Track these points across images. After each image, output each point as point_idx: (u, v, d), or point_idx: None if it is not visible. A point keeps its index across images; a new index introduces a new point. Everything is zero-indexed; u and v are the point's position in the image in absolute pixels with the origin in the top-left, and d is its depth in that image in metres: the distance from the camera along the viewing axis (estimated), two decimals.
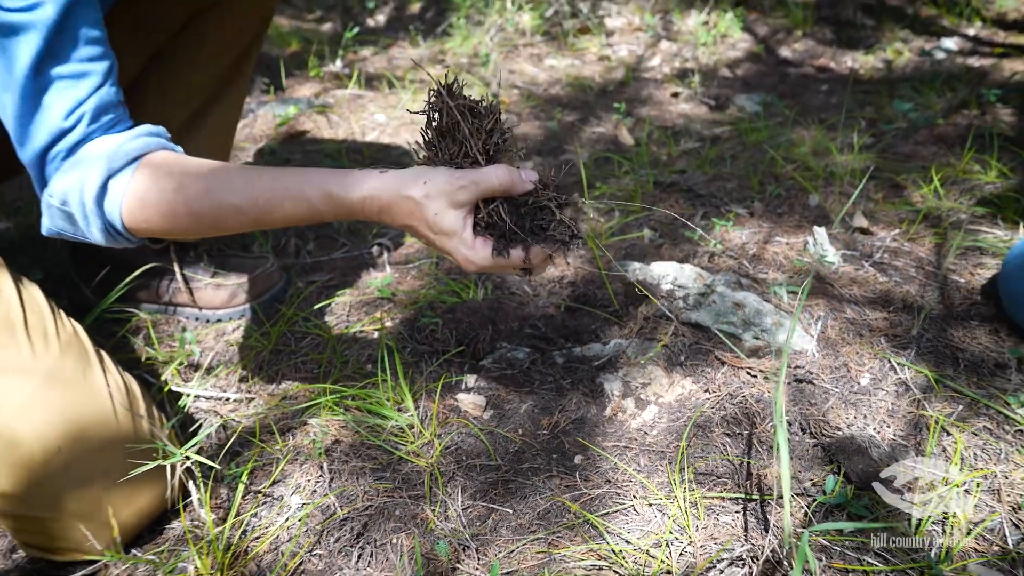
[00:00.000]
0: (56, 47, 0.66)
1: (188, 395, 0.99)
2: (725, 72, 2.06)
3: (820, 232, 1.17)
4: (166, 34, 1.01)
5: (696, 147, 1.59)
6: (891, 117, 1.66)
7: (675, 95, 1.90)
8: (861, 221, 1.24)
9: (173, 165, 0.71)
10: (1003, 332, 0.99)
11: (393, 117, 1.74)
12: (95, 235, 0.74)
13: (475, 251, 0.68)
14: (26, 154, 0.71)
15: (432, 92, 0.69)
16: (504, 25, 2.30)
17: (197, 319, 1.16)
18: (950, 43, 2.08)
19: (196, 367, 1.05)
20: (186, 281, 1.15)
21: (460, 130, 0.69)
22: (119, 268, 1.12)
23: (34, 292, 0.85)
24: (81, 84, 0.68)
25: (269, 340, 1.08)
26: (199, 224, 0.73)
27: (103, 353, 0.85)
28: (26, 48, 0.65)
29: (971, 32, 2.20)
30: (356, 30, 2.25)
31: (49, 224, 0.76)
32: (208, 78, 1.07)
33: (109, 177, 0.71)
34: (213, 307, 1.16)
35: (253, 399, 1.00)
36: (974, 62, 1.96)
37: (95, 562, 0.79)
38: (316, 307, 1.15)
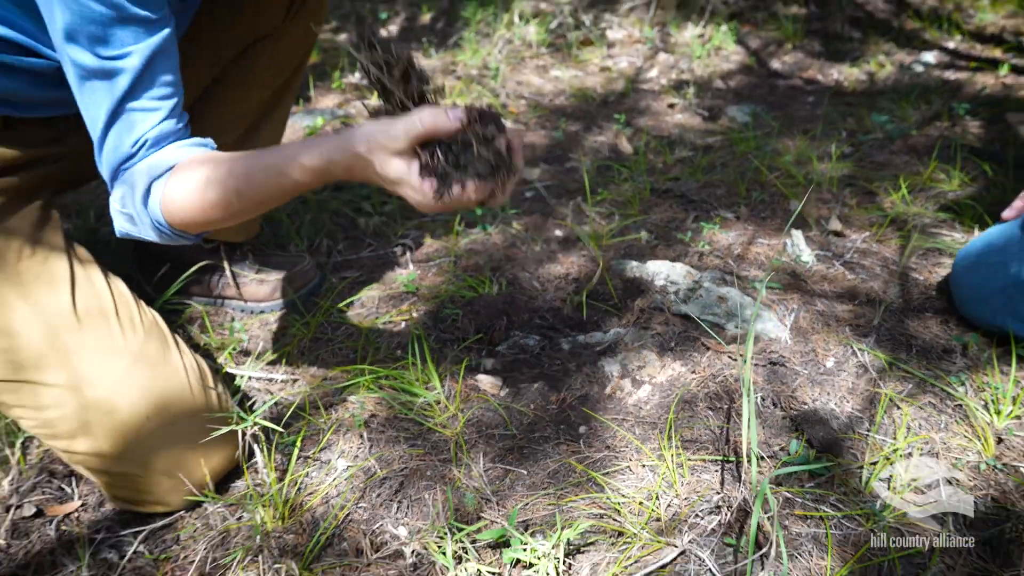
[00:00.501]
0: (136, 88, 0.79)
1: (242, 376, 1.14)
2: (719, 84, 2.20)
3: (797, 235, 1.31)
4: (228, 59, 1.16)
5: (690, 156, 1.73)
6: (869, 128, 1.80)
7: (671, 106, 2.04)
8: (835, 225, 1.39)
9: (195, 164, 0.82)
10: (952, 323, 1.13)
11: None
12: (150, 233, 0.86)
13: (423, 194, 0.73)
14: (103, 171, 0.85)
15: (356, 44, 0.74)
16: (512, 38, 2.44)
17: (243, 310, 1.31)
18: (929, 57, 2.23)
19: (246, 352, 1.20)
20: (234, 277, 1.30)
21: (389, 81, 0.72)
22: (176, 266, 1.27)
23: (120, 284, 0.99)
24: (149, 118, 0.81)
25: (309, 329, 1.23)
26: (218, 211, 0.81)
27: (177, 337, 1.00)
28: (114, 88, 0.78)
29: (951, 45, 2.34)
30: None
31: (118, 227, 0.88)
32: (260, 99, 1.22)
33: (152, 181, 0.82)
34: (257, 300, 1.31)
35: (297, 380, 1.14)
36: (950, 75, 2.10)
37: (173, 513, 0.94)
38: (348, 300, 1.29)
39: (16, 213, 0.94)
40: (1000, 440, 0.95)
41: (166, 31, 0.80)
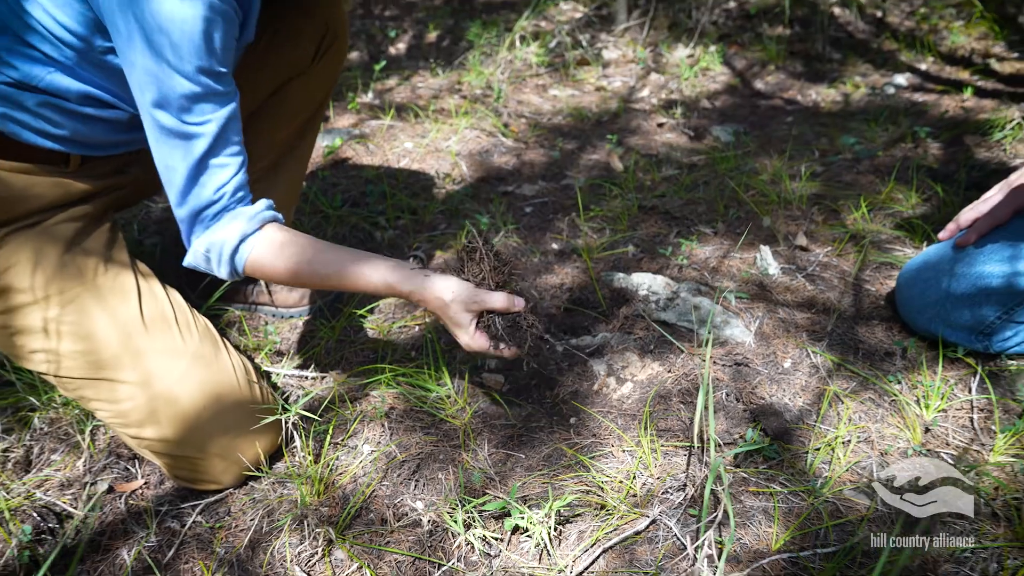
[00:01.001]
0: (215, 147, 0.96)
1: (277, 374, 1.31)
2: (705, 103, 2.36)
3: (765, 250, 1.48)
4: (263, 98, 1.32)
5: (675, 174, 1.90)
6: (839, 149, 1.97)
7: (660, 125, 2.21)
8: (802, 240, 1.56)
9: (285, 239, 1.01)
10: (895, 329, 1.30)
11: (419, 145, 2.05)
12: (222, 274, 1.03)
13: (474, 340, 1.01)
14: (182, 212, 1.00)
15: (469, 237, 1.03)
16: (513, 60, 2.61)
17: (275, 315, 1.47)
18: (901, 79, 2.39)
19: (279, 353, 1.37)
20: (267, 285, 1.46)
21: (484, 266, 1.01)
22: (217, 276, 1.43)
23: (176, 295, 1.16)
24: (226, 170, 0.98)
25: (334, 332, 1.40)
26: (297, 281, 1.03)
27: (225, 340, 1.16)
28: (197, 147, 0.95)
29: (923, 67, 2.51)
30: (383, 63, 2.56)
31: (191, 260, 1.05)
32: (291, 129, 1.38)
33: (241, 240, 1.00)
34: (287, 306, 1.47)
35: (325, 377, 1.31)
36: (919, 97, 2.26)
37: (224, 490, 1.11)
38: (368, 307, 1.46)
39: (91, 235, 1.11)
40: (927, 430, 1.11)
41: (236, 100, 0.97)
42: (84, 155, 1.09)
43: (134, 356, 1.05)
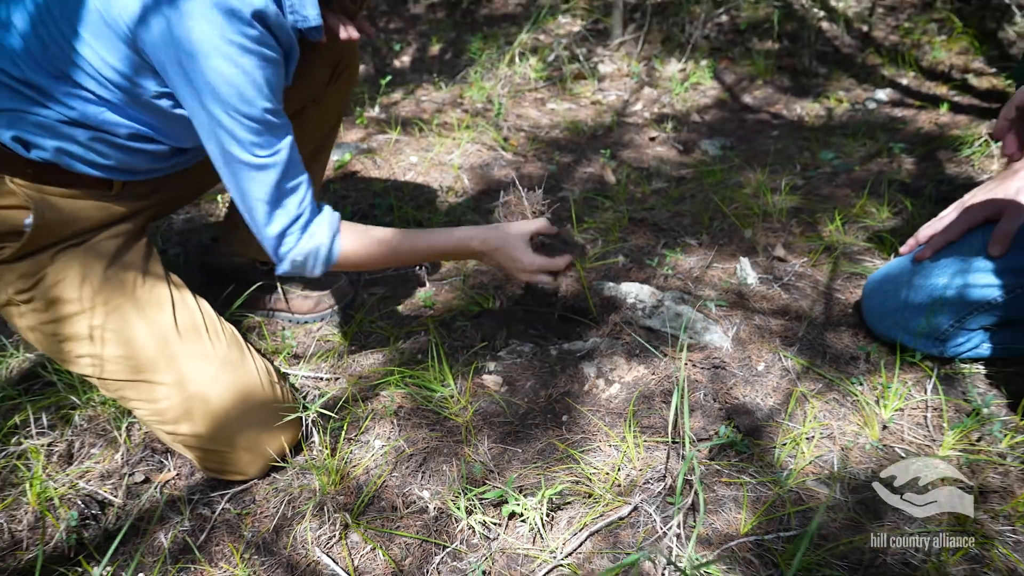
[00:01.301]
0: (288, 171, 1.08)
1: (296, 375, 1.43)
2: (695, 117, 2.48)
3: (744, 261, 1.60)
4: None
5: (664, 187, 2.02)
6: (819, 163, 2.09)
7: (652, 139, 2.33)
8: (780, 251, 1.67)
9: (361, 230, 1.21)
10: (860, 335, 1.42)
11: (424, 159, 2.17)
12: (316, 273, 1.19)
13: (535, 259, 1.26)
14: (270, 232, 1.12)
15: (504, 191, 1.34)
16: (513, 75, 2.73)
17: (291, 321, 1.59)
18: (882, 94, 2.51)
19: (296, 356, 1.49)
20: (284, 293, 1.58)
21: (523, 208, 1.33)
22: (239, 285, 1.56)
23: (205, 304, 1.28)
24: (300, 189, 1.11)
25: (346, 337, 1.52)
26: (383, 260, 1.24)
27: (249, 344, 1.28)
28: (273, 176, 1.07)
29: (905, 82, 2.63)
30: (389, 77, 2.68)
31: (287, 269, 1.17)
32: (307, 150, 1.50)
33: (332, 242, 1.17)
34: (303, 312, 1.59)
35: (339, 379, 1.43)
36: (898, 112, 2.38)
37: (249, 480, 1.22)
38: (377, 313, 1.58)
39: (131, 250, 1.23)
40: (885, 427, 1.23)
41: (291, 126, 1.09)
42: (126, 180, 1.21)
43: (170, 360, 1.17)
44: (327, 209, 1.19)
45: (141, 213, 1.27)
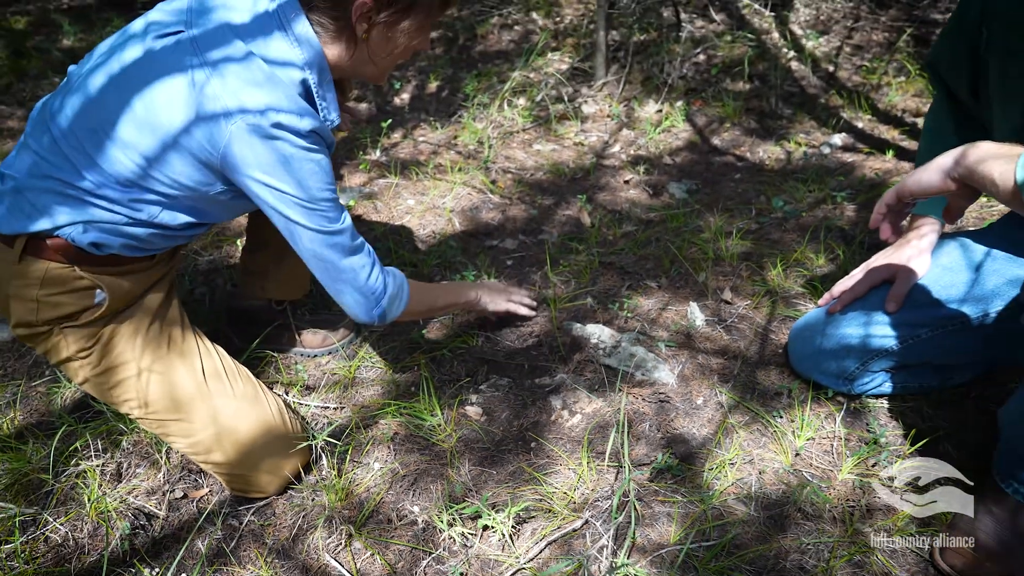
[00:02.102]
0: (353, 232, 1.34)
1: (307, 406, 1.68)
2: (667, 160, 2.73)
3: (694, 305, 1.85)
4: None
5: (633, 230, 2.27)
6: (773, 208, 2.33)
7: (627, 182, 2.57)
8: (727, 295, 1.92)
9: (413, 288, 1.51)
10: (786, 374, 1.67)
11: (420, 203, 2.43)
12: (397, 313, 1.48)
13: (510, 303, 1.70)
14: (357, 286, 1.38)
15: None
16: (502, 121, 2.98)
17: (302, 355, 1.85)
18: (837, 139, 2.75)
19: (309, 387, 1.74)
20: (296, 331, 1.84)
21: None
22: (256, 324, 1.81)
23: (222, 350, 1.52)
24: (363, 242, 1.38)
25: (350, 371, 1.77)
26: (422, 310, 1.59)
27: (261, 383, 1.54)
28: (347, 238, 1.32)
29: (860, 125, 2.87)
30: (389, 121, 2.94)
31: (384, 306, 1.43)
32: None
33: (404, 281, 1.51)
34: (313, 347, 1.85)
35: (344, 408, 1.68)
36: (848, 158, 2.62)
37: (269, 497, 1.48)
38: (377, 349, 1.83)
39: (169, 307, 1.47)
40: (797, 454, 1.48)
41: None
42: (165, 248, 1.46)
43: (204, 399, 1.42)
44: (393, 271, 1.49)
45: (172, 269, 1.53)
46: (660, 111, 3.06)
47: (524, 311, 1.82)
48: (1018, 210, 1.03)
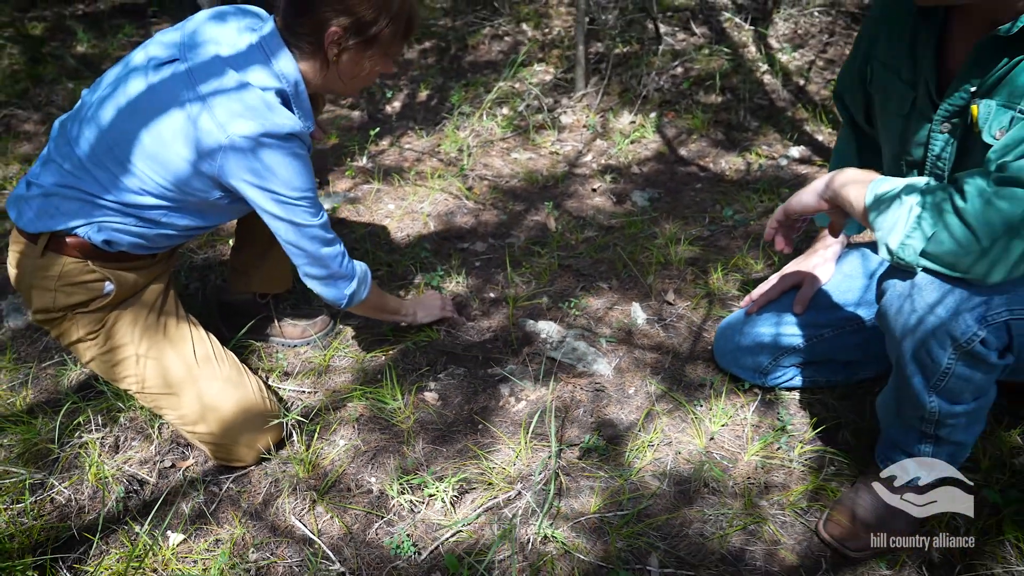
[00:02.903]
0: (327, 224, 1.55)
1: (284, 389, 1.89)
2: (635, 169, 2.92)
3: (636, 305, 2.05)
4: None
5: (594, 235, 2.46)
6: (724, 217, 2.52)
7: (594, 190, 2.77)
8: (671, 296, 2.12)
9: (373, 287, 1.74)
10: (711, 368, 1.86)
11: (400, 208, 2.63)
12: (364, 295, 1.71)
13: (444, 312, 1.91)
14: (328, 271, 1.60)
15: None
16: (482, 130, 3.18)
17: (283, 345, 2.05)
18: (795, 151, 2.93)
19: (287, 373, 1.95)
20: (278, 322, 2.05)
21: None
22: (243, 316, 2.02)
23: (213, 337, 1.73)
24: (336, 237, 1.59)
25: (324, 360, 1.97)
26: (371, 308, 1.80)
27: (245, 367, 1.74)
28: (324, 230, 1.54)
29: (821, 138, 3.04)
30: (377, 129, 3.14)
31: (354, 287, 1.66)
32: None
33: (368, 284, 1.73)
34: (292, 337, 2.05)
35: (317, 392, 1.89)
36: (802, 170, 2.80)
37: (248, 467, 1.68)
38: (349, 341, 2.04)
39: (166, 300, 1.69)
40: (712, 439, 1.68)
41: None
42: (165, 248, 1.67)
43: (192, 380, 1.63)
44: (358, 263, 1.72)
45: (171, 265, 1.74)
46: (634, 122, 3.25)
47: (452, 315, 2.06)
48: (868, 227, 1.23)
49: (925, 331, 1.16)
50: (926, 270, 1.15)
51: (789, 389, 1.79)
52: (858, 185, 1.24)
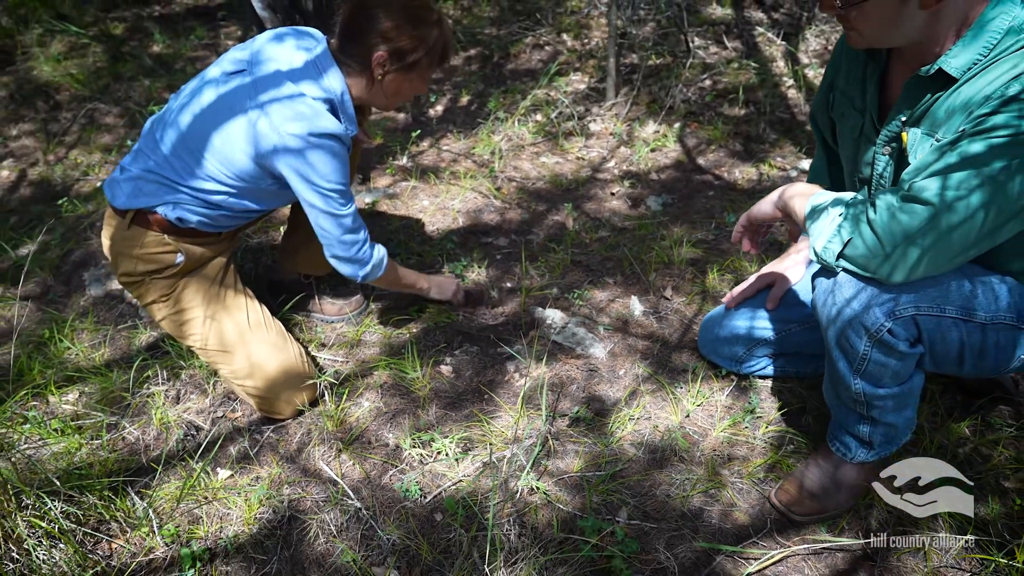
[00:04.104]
0: (356, 214, 1.84)
1: (321, 358, 2.18)
2: (653, 176, 3.14)
3: (634, 299, 2.28)
4: None
5: (607, 235, 2.70)
6: (729, 223, 2.73)
7: (613, 194, 3.00)
8: (668, 292, 2.34)
9: (390, 265, 1.99)
10: (695, 356, 2.09)
11: (433, 204, 2.91)
12: (380, 273, 1.99)
13: (456, 297, 2.10)
14: (350, 253, 1.88)
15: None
16: (515, 135, 3.43)
17: (321, 320, 2.34)
18: (806, 163, 3.11)
19: (323, 344, 2.24)
20: (319, 300, 2.34)
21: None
22: (289, 293, 2.32)
23: (264, 306, 2.03)
24: (363, 224, 1.87)
25: (357, 334, 2.26)
26: (391, 283, 2.07)
27: (289, 335, 2.03)
28: (352, 218, 1.83)
29: None
30: (418, 132, 3.43)
31: (368, 271, 1.93)
32: None
33: (385, 255, 1.97)
34: (330, 314, 2.34)
35: (348, 361, 2.17)
36: None
37: (286, 419, 1.97)
38: (379, 320, 2.32)
39: (226, 273, 1.99)
40: (687, 416, 1.90)
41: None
42: (228, 229, 1.97)
43: (244, 343, 1.92)
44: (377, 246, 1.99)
45: (232, 245, 2.05)
46: (658, 131, 3.47)
47: (455, 302, 2.30)
48: (807, 234, 1.45)
49: (843, 321, 1.38)
50: (846, 270, 1.36)
51: (763, 377, 2.00)
52: (802, 198, 1.47)
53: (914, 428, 1.62)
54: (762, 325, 1.91)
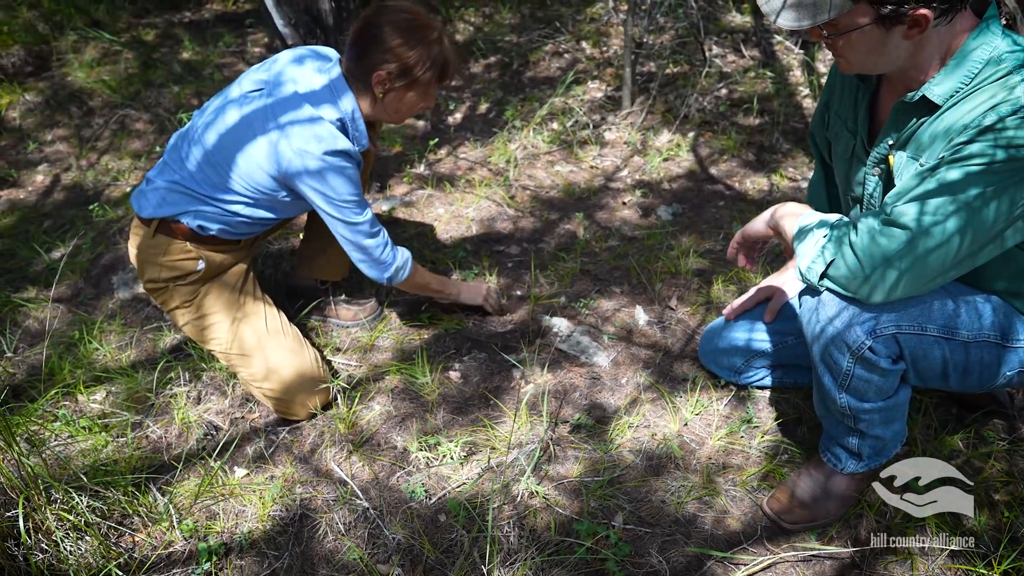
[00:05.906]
0: (374, 220, 1.93)
1: (335, 362, 2.27)
2: (665, 185, 3.19)
3: (639, 308, 2.34)
4: None
5: (616, 245, 2.76)
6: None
7: (625, 203, 3.06)
8: (673, 303, 2.40)
9: (416, 268, 2.08)
10: (696, 366, 2.14)
11: (448, 212, 2.99)
12: (404, 276, 2.09)
13: (486, 302, 2.19)
14: (374, 257, 1.98)
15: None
16: (530, 143, 3.50)
17: (337, 325, 2.43)
18: None
19: (338, 349, 2.33)
20: (335, 306, 2.43)
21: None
22: (306, 298, 2.41)
23: (281, 312, 2.12)
24: (380, 226, 1.96)
25: (370, 339, 2.34)
26: (415, 286, 2.18)
27: (305, 340, 2.12)
28: (370, 224, 1.94)
29: None
30: (436, 140, 3.51)
31: (391, 273, 2.04)
32: None
33: (410, 257, 2.07)
34: (345, 319, 2.43)
35: (361, 366, 2.26)
36: None
37: (301, 420, 2.06)
38: (392, 326, 2.40)
39: (246, 280, 2.09)
40: (685, 424, 1.96)
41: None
42: (247, 236, 2.07)
43: (262, 347, 2.02)
44: (402, 249, 2.09)
45: (252, 252, 2.15)
46: (671, 140, 3.52)
47: (489, 308, 2.34)
48: (795, 253, 1.50)
49: (827, 338, 1.43)
50: (829, 290, 1.42)
51: (761, 388, 2.05)
52: (792, 217, 1.52)
53: (904, 440, 1.66)
54: (760, 337, 1.96)
